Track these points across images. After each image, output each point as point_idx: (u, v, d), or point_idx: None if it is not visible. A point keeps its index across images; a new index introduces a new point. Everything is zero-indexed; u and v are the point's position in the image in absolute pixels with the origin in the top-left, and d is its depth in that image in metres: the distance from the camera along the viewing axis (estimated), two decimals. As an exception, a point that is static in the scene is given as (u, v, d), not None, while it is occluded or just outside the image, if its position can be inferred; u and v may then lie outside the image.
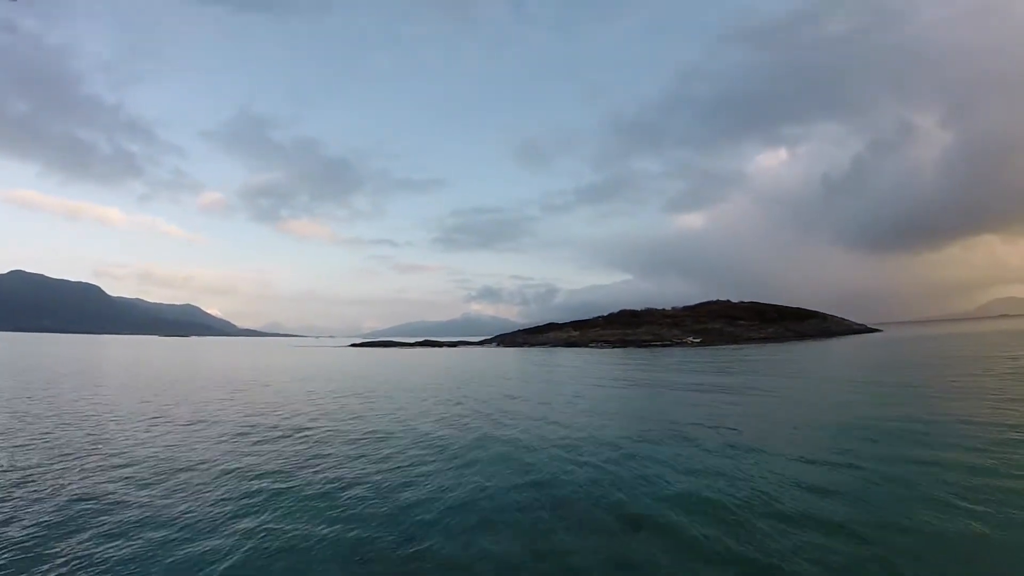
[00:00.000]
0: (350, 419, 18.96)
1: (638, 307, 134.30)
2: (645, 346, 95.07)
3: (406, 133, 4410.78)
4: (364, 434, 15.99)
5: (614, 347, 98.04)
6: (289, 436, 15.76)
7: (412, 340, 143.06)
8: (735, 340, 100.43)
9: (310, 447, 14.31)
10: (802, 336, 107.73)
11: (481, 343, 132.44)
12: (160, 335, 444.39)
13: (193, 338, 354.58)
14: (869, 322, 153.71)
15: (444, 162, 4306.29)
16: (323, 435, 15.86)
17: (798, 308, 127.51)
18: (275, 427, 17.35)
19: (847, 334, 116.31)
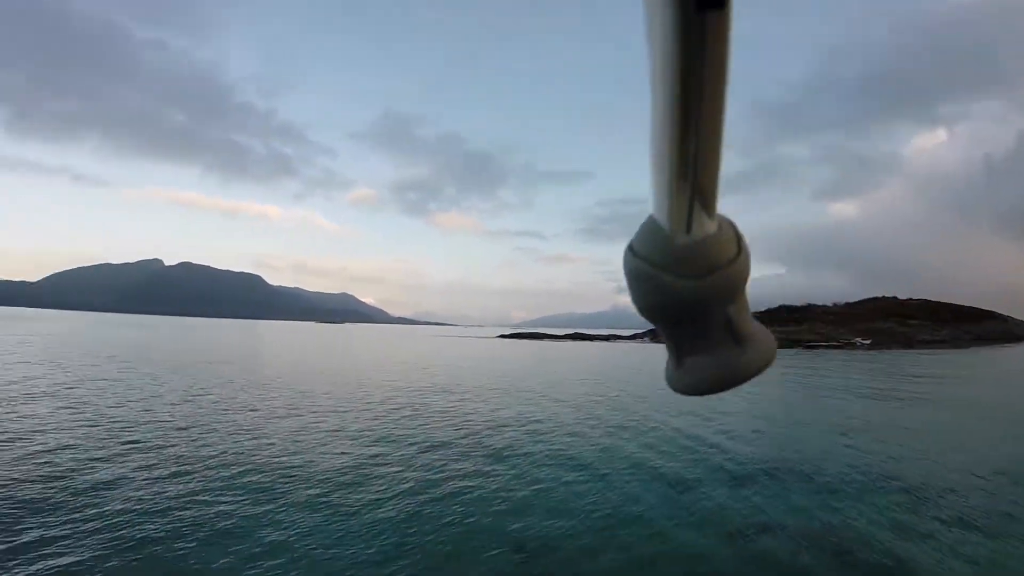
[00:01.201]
0: (542, 418, 15.90)
1: (794, 302, 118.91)
2: (812, 347, 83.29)
3: (548, 126, 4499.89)
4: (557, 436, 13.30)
5: (780, 347, 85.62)
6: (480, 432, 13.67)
7: (561, 332, 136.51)
8: (908, 343, 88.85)
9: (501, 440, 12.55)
10: (982, 340, 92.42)
11: (632, 337, 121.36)
12: (316, 321, 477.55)
13: (347, 324, 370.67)
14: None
15: (588, 154, 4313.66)
16: (523, 433, 13.63)
17: (973, 307, 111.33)
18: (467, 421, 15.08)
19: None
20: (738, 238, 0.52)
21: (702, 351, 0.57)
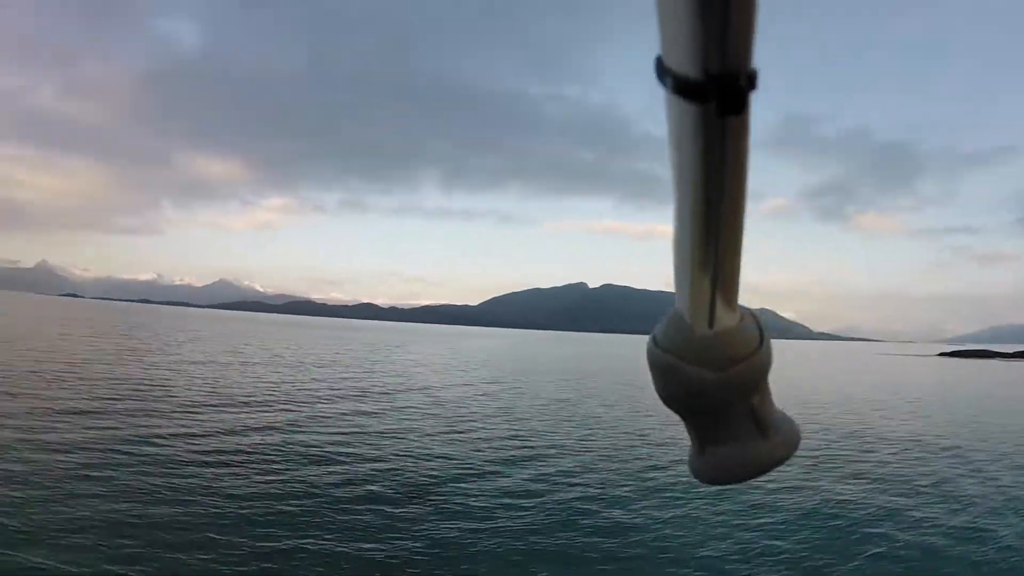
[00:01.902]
0: None
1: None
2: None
3: (956, 96, 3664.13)
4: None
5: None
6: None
7: (1010, 349, 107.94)
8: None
9: None
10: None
11: None
12: None
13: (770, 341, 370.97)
14: None
15: (1011, 122, 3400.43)
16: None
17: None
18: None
19: None
20: (760, 329, 0.54)
21: (725, 441, 0.58)
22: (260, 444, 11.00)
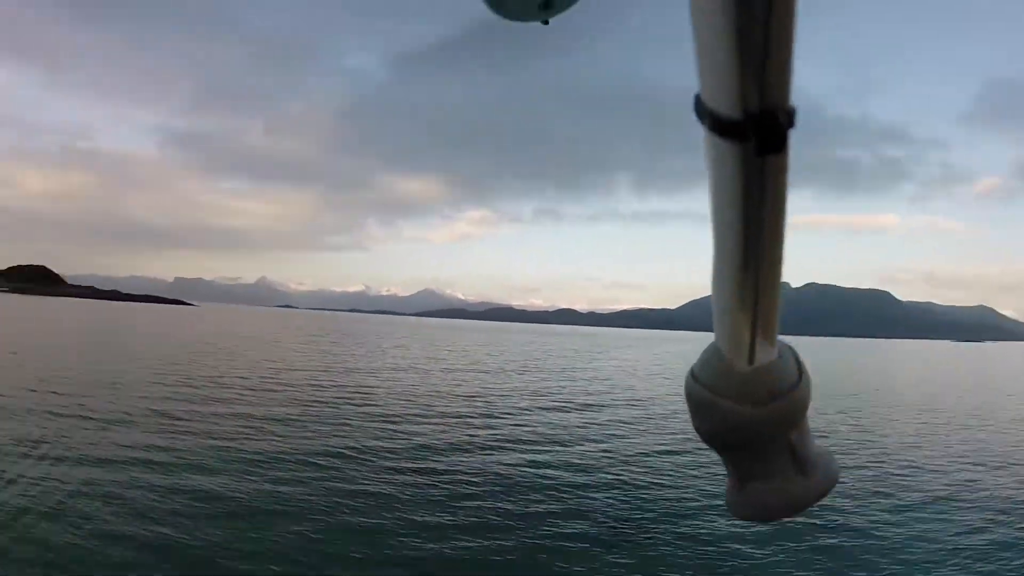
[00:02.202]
0: None
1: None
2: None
3: None
4: None
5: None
6: None
7: None
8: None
9: None
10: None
11: None
12: (953, 340, 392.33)
13: (987, 344, 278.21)
14: None
15: None
16: None
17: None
18: None
19: None
20: (799, 364, 0.54)
21: (763, 477, 0.57)
22: (486, 454, 10.98)
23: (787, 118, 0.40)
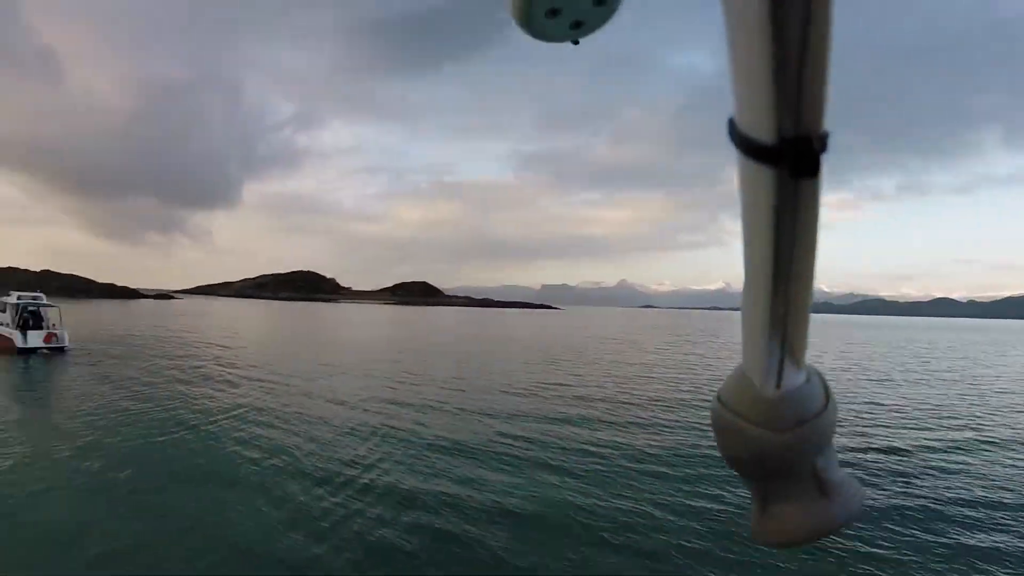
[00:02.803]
0: None
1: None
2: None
3: None
4: None
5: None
6: None
7: None
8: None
9: None
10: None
11: None
12: None
13: None
14: None
15: None
16: None
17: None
18: None
19: None
20: (826, 389, 0.54)
21: (788, 501, 0.57)
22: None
23: (820, 143, 0.39)
